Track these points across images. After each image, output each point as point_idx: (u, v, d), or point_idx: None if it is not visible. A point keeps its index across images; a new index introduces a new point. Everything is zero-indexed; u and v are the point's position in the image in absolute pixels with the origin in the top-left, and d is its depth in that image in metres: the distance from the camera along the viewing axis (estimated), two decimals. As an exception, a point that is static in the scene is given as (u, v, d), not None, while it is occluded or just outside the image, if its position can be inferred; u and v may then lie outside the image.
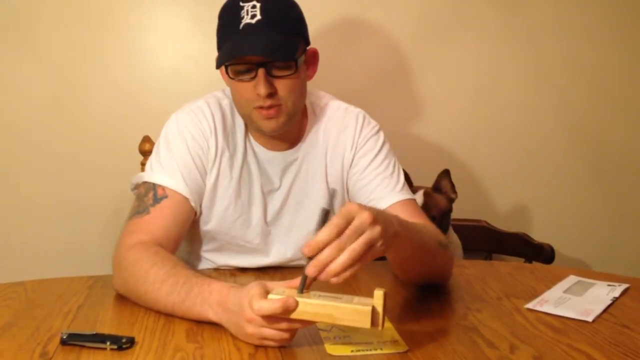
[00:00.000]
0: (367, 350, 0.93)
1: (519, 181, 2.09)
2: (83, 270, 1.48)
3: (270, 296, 0.89)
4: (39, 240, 1.85)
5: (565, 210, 2.12)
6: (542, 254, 1.75)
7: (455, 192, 1.69)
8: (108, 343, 0.94)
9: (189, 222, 1.23)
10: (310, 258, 0.88)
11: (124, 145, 1.75)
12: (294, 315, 0.88)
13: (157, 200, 1.18)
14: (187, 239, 1.35)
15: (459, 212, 1.76)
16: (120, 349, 0.94)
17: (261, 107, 1.18)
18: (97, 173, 1.84)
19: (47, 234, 1.86)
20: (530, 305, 1.11)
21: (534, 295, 1.16)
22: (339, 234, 0.87)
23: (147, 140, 1.56)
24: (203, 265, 1.34)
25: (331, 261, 0.86)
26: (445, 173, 1.69)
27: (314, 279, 0.89)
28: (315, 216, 1.32)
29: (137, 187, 1.25)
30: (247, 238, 1.28)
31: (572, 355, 0.91)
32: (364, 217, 0.88)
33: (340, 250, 0.86)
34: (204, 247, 1.33)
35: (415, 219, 1.22)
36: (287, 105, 1.19)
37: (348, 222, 0.87)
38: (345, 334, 0.97)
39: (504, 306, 1.12)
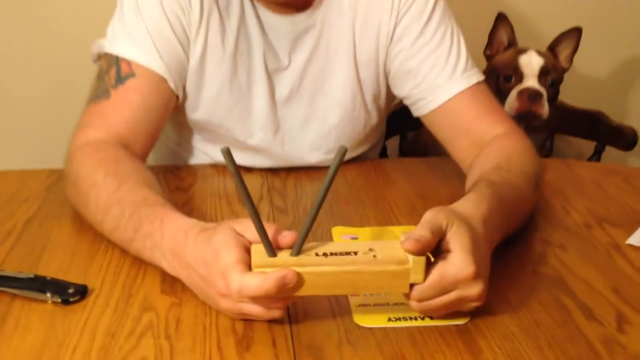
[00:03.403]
0: (410, 320, 0.65)
1: (595, 44, 1.69)
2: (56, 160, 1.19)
3: (256, 268, 0.60)
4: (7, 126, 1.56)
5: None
6: (621, 138, 1.41)
7: (571, 61, 1.33)
8: (49, 294, 0.68)
9: (167, 110, 0.91)
10: None
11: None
12: (296, 293, 0.60)
13: (120, 79, 0.86)
14: (173, 125, 1.04)
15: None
16: (65, 302, 0.67)
17: None
18: (74, 41, 1.49)
19: (17, 118, 1.56)
20: (634, 241, 0.81)
21: (636, 220, 0.86)
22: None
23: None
24: (196, 159, 1.04)
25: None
26: (575, 33, 1.31)
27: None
28: (336, 108, 0.98)
29: (99, 58, 0.92)
30: (248, 132, 0.97)
31: None
32: (465, 270, 0.62)
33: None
34: (197, 136, 1.02)
35: (488, 116, 0.91)
36: None
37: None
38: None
39: (596, 240, 0.82)
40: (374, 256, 0.61)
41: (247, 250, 0.61)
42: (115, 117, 0.85)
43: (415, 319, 0.65)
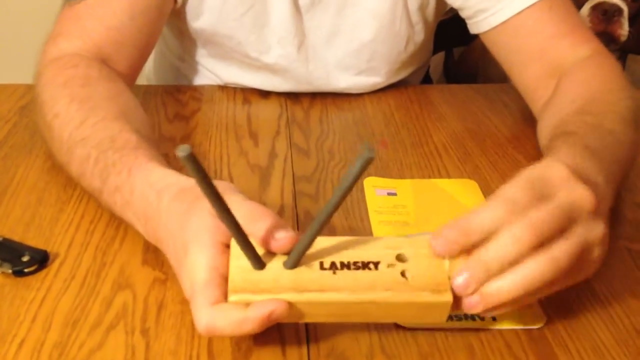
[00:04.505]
0: (466, 319, 0.49)
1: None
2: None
3: (232, 297, 0.42)
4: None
5: None
6: None
7: None
8: (-2, 262, 0.53)
9: (160, 16, 0.72)
10: None
11: None
12: (289, 320, 0.43)
13: None
14: (174, 34, 0.85)
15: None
16: (18, 274, 0.52)
17: None
18: None
19: None
20: None
21: None
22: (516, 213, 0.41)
23: None
24: (202, 79, 0.86)
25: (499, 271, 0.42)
26: None
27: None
28: (370, 19, 0.79)
29: (76, -52, 0.73)
30: (263, 46, 0.78)
31: None
32: (579, 196, 0.43)
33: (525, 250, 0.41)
34: (201, 50, 0.83)
35: (570, 35, 0.71)
36: None
37: (537, 195, 0.42)
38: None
39: None
40: (402, 273, 0.43)
41: (228, 246, 0.44)
42: (93, 23, 0.67)
43: (473, 318, 0.49)
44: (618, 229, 0.60)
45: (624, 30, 1.04)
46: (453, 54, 1.28)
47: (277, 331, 0.47)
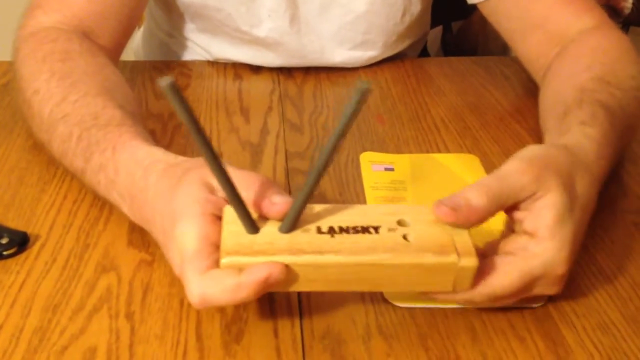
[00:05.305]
0: (468, 298, 0.47)
1: None
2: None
3: (225, 260, 0.39)
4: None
5: None
6: None
7: None
8: (-26, 246, 0.50)
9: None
10: None
11: None
12: (284, 288, 0.41)
13: None
14: (162, 9, 0.82)
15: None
16: (-3, 257, 0.50)
17: None
18: None
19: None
20: None
21: None
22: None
23: None
24: (191, 55, 0.83)
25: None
26: None
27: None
28: None
29: None
30: (254, 19, 0.74)
31: None
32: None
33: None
34: (190, 25, 0.80)
35: (572, 3, 0.68)
36: None
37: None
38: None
39: None
40: (404, 237, 0.41)
41: (219, 216, 0.42)
42: None
43: (474, 297, 0.47)
44: (624, 203, 0.58)
45: (627, 2, 1.01)
46: (451, 29, 1.25)
47: (269, 312, 0.45)
